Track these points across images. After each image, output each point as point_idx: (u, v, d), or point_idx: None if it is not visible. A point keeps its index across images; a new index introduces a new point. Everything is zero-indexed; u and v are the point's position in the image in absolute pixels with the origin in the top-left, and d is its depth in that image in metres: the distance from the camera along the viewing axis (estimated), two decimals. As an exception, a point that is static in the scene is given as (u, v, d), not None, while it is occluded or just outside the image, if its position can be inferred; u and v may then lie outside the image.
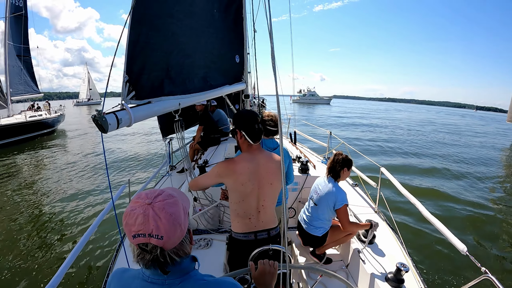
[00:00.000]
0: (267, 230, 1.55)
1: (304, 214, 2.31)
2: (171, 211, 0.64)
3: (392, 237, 2.35)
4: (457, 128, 25.63)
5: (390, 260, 2.01)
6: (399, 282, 1.73)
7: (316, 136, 5.72)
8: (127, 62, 1.31)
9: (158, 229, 0.61)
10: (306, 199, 2.65)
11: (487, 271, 1.34)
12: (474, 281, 1.38)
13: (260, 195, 1.50)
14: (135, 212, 0.62)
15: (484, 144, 16.19)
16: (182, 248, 0.68)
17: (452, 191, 6.82)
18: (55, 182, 6.98)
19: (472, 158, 11.25)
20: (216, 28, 2.51)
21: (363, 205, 2.91)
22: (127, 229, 0.63)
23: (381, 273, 1.86)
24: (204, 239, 2.34)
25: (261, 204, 1.52)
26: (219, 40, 2.58)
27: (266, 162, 1.51)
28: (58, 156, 10.14)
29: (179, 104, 1.69)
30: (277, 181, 1.52)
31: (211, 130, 4.33)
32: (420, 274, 1.87)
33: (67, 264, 1.50)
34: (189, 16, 1.96)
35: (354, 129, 19.84)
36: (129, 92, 1.33)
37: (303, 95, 76.65)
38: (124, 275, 0.73)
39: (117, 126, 1.13)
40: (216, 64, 2.56)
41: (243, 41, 3.02)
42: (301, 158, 3.38)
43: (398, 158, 10.22)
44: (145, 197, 0.65)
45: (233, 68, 2.92)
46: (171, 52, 1.75)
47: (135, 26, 1.35)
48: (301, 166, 3.06)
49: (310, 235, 2.23)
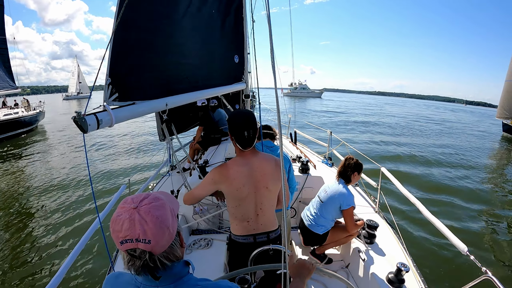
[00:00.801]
0: (266, 233, 1.52)
1: (309, 210, 2.32)
2: (158, 214, 0.62)
3: (392, 237, 2.35)
4: (452, 125, 25.32)
5: (391, 260, 2.01)
6: (399, 282, 1.73)
7: (315, 136, 5.72)
8: (110, 66, 1.34)
9: (145, 233, 0.60)
10: (307, 199, 2.65)
11: (487, 271, 1.34)
12: (474, 281, 1.37)
13: (257, 198, 1.46)
14: (121, 218, 0.61)
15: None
16: (172, 251, 0.66)
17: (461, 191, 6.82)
18: (55, 179, 6.99)
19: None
20: (214, 28, 2.51)
21: (364, 205, 2.91)
22: (114, 235, 0.62)
23: (381, 273, 1.85)
24: (205, 239, 2.34)
25: (259, 207, 1.48)
26: (217, 40, 2.58)
27: (260, 165, 1.45)
28: (45, 159, 10.14)
29: (166, 104, 1.69)
30: (273, 184, 1.46)
31: (212, 130, 4.33)
32: (420, 274, 1.87)
33: (67, 265, 1.50)
34: (183, 17, 1.97)
35: (357, 132, 16.68)
36: (111, 94, 1.36)
37: (294, 88, 74.71)
38: (118, 281, 0.72)
39: (97, 126, 1.16)
40: (212, 64, 2.56)
41: (243, 41, 3.02)
42: (301, 158, 3.38)
43: (409, 166, 10.21)
44: (130, 201, 0.64)
45: (231, 68, 2.92)
46: (160, 53, 1.77)
47: (121, 29, 1.36)
48: (301, 166, 3.05)
49: (311, 232, 2.23)
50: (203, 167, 2.95)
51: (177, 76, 2.01)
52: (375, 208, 2.85)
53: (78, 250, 1.63)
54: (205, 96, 2.36)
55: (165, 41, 1.82)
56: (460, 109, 75.62)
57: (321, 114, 27.46)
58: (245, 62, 3.05)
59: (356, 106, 45.75)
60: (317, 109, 34.14)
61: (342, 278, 1.16)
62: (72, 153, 10.47)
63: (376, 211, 2.81)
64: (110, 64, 1.34)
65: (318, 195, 2.30)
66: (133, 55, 1.53)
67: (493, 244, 4.50)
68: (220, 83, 2.63)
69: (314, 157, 4.23)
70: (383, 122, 21.96)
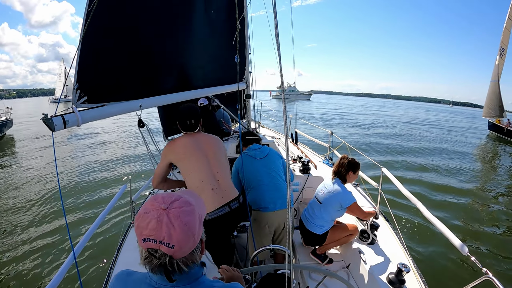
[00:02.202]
0: (232, 200, 1.68)
1: (307, 211, 2.32)
2: (186, 220, 0.61)
3: (393, 238, 2.35)
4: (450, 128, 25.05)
5: (391, 261, 2.01)
6: (400, 283, 1.73)
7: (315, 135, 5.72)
8: (78, 72, 1.46)
9: (170, 237, 0.59)
10: (308, 199, 2.65)
11: (488, 272, 1.33)
12: (475, 281, 1.37)
13: (212, 165, 1.66)
14: (149, 216, 0.60)
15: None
16: (192, 258, 0.65)
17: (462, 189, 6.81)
18: (61, 175, 7.00)
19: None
20: (211, 28, 2.51)
21: (364, 205, 2.90)
22: (138, 231, 0.61)
23: (382, 274, 1.85)
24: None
25: (216, 171, 1.67)
26: (211, 40, 2.58)
27: (205, 138, 1.74)
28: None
29: (140, 105, 1.75)
30: (220, 153, 1.74)
31: (212, 130, 4.33)
32: (421, 274, 1.86)
33: (68, 264, 1.50)
34: (166, 17, 2.00)
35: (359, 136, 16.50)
36: (80, 97, 1.51)
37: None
38: (130, 279, 0.70)
39: (64, 126, 1.30)
40: (207, 64, 2.57)
41: (242, 41, 3.02)
42: (302, 158, 3.38)
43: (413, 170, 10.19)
44: (161, 200, 0.63)
45: (226, 69, 2.92)
46: (136, 55, 1.82)
47: (91, 36, 1.47)
48: (302, 166, 3.05)
49: (310, 233, 2.23)
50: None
51: (159, 77, 2.06)
52: (376, 208, 2.85)
53: (78, 250, 1.63)
54: (192, 96, 2.40)
55: (142, 43, 1.87)
56: (449, 110, 74.49)
57: (318, 117, 26.05)
58: (246, 62, 3.05)
59: (351, 109, 42.64)
60: (311, 112, 32.62)
61: (342, 278, 1.16)
62: (70, 153, 10.48)
63: (377, 212, 2.81)
64: (78, 70, 1.47)
65: (315, 195, 2.30)
66: (103, 59, 1.63)
67: (494, 244, 4.49)
68: (213, 84, 2.66)
69: (315, 157, 4.23)
70: (385, 126, 21.01)
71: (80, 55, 1.45)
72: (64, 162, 8.95)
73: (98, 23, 1.46)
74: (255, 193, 2.08)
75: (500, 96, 16.92)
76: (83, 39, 1.41)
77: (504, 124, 16.25)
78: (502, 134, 16.29)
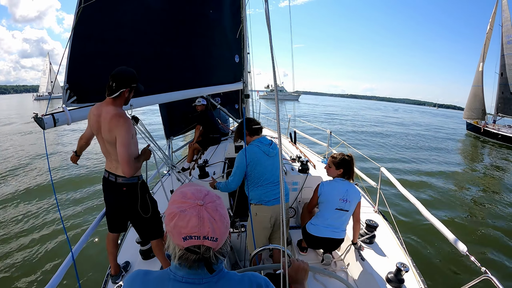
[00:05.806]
0: (115, 175, 1.68)
1: (326, 221, 2.10)
2: (223, 213, 0.64)
3: (392, 237, 2.35)
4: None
5: (390, 260, 2.01)
6: (399, 282, 1.73)
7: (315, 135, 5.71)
8: (68, 72, 1.49)
9: (214, 231, 0.60)
10: (306, 199, 2.63)
11: (487, 271, 1.33)
12: (474, 281, 1.37)
13: (105, 141, 1.64)
14: (187, 214, 0.60)
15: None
16: (225, 247, 0.67)
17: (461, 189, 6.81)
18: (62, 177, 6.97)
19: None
20: (206, 28, 2.50)
21: (363, 205, 2.90)
22: (176, 231, 0.60)
23: (381, 273, 1.85)
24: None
25: (107, 148, 1.65)
26: (205, 40, 2.59)
27: (104, 115, 1.58)
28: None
29: (131, 105, 1.77)
30: (106, 134, 1.59)
31: (211, 130, 4.33)
32: (420, 274, 1.87)
33: (67, 264, 1.50)
34: (157, 18, 2.03)
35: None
36: (70, 97, 1.55)
37: (271, 90, 67.95)
38: (149, 278, 0.68)
39: (54, 125, 1.34)
40: (204, 64, 2.57)
41: (239, 41, 3.01)
42: (301, 157, 3.37)
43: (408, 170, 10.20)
44: (192, 197, 0.63)
45: (227, 68, 2.91)
46: (127, 55, 1.84)
47: (81, 36, 1.49)
48: (301, 166, 3.05)
49: (335, 240, 2.12)
50: (203, 166, 2.94)
51: (153, 77, 2.07)
52: (375, 208, 2.85)
53: (78, 250, 1.62)
54: (183, 96, 2.40)
55: (133, 44, 1.89)
56: (434, 113, 72.91)
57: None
58: (244, 61, 3.05)
59: (344, 111, 39.36)
60: (304, 113, 29.94)
61: (341, 278, 1.16)
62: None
63: (376, 211, 2.81)
64: (68, 71, 1.49)
65: (336, 207, 2.06)
66: (93, 59, 1.65)
67: (493, 244, 4.49)
68: (208, 83, 2.66)
69: (314, 157, 4.23)
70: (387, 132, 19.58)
71: (70, 55, 1.46)
72: (56, 158, 8.92)
73: (87, 24, 1.48)
74: (263, 190, 2.06)
75: (484, 100, 18.17)
76: (73, 40, 1.43)
77: (481, 125, 17.83)
78: (480, 134, 17.73)
